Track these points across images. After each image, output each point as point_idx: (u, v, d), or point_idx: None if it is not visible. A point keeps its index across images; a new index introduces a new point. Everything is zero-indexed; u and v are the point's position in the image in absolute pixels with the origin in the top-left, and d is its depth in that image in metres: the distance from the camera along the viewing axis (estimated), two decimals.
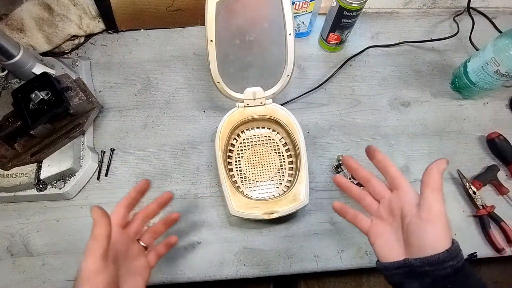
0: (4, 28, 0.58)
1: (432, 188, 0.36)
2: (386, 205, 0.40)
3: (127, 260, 0.41)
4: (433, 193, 0.36)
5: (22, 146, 0.51)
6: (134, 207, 0.44)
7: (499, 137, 0.60)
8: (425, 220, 0.35)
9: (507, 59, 0.54)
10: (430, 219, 0.35)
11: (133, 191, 0.43)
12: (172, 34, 0.70)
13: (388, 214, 0.39)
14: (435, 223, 0.35)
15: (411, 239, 0.36)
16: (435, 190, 0.36)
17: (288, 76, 0.52)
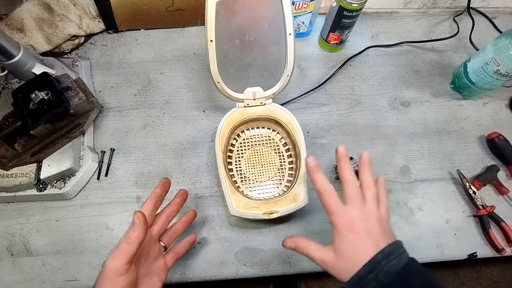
0: (4, 28, 0.58)
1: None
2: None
3: (148, 261, 0.41)
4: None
5: (22, 146, 0.51)
6: (160, 205, 0.44)
7: (499, 137, 0.60)
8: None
9: (507, 59, 0.54)
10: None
11: (158, 189, 0.43)
12: (172, 34, 0.70)
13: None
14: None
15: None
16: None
17: (288, 76, 0.52)
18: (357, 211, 0.38)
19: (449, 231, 0.56)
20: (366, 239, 0.36)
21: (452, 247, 0.55)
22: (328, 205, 0.38)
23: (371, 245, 0.36)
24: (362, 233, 0.36)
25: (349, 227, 0.37)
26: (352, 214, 0.37)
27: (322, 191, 0.39)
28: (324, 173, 0.40)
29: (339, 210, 0.38)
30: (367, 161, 0.41)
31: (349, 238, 0.37)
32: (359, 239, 0.36)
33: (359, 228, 0.37)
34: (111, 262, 0.35)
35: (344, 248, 0.37)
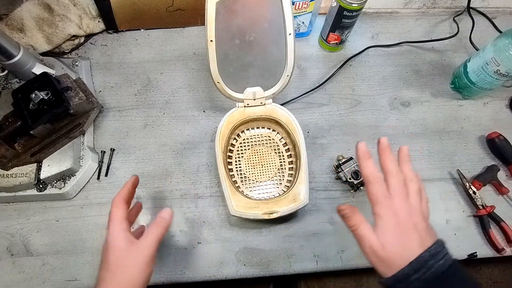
0: (4, 28, 0.58)
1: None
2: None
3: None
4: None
5: (22, 146, 0.51)
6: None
7: (499, 137, 0.60)
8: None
9: (507, 59, 0.54)
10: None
11: (130, 185, 0.44)
12: (172, 34, 0.70)
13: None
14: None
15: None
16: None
17: (288, 76, 0.52)
18: (403, 204, 0.36)
19: (449, 231, 0.56)
20: (413, 234, 0.34)
21: (452, 247, 0.54)
22: (376, 195, 0.36)
23: (417, 241, 0.34)
24: (409, 228, 0.35)
25: (396, 221, 0.35)
26: (399, 207, 0.35)
27: (370, 179, 0.37)
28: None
29: (386, 201, 0.36)
30: (407, 153, 0.40)
31: (396, 233, 0.35)
32: (406, 234, 0.34)
33: (406, 223, 0.35)
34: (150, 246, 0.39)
35: (389, 241, 0.35)
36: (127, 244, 0.38)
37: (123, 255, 0.38)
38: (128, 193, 0.43)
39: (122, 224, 0.40)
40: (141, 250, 0.38)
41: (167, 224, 0.41)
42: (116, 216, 0.40)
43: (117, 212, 0.41)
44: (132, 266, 0.37)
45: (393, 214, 0.35)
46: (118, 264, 0.37)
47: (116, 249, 0.38)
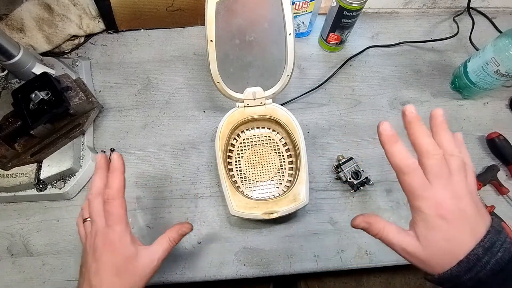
0: (4, 28, 0.58)
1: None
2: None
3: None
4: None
5: (22, 146, 0.51)
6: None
7: (499, 137, 0.60)
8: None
9: (507, 59, 0.54)
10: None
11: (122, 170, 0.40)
12: (172, 34, 0.70)
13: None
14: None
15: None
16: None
17: (288, 76, 0.52)
18: (446, 190, 0.29)
19: None
20: (462, 225, 0.29)
21: None
22: (412, 186, 0.30)
23: (468, 232, 0.29)
24: (456, 218, 0.29)
25: (440, 213, 0.29)
26: (441, 196, 0.29)
27: (403, 169, 0.30)
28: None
29: (426, 193, 0.29)
30: (442, 119, 0.33)
31: (441, 227, 0.29)
32: (454, 227, 0.29)
33: (452, 213, 0.29)
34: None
35: (434, 238, 0.29)
36: (134, 256, 0.36)
37: (130, 263, 0.36)
38: (124, 182, 0.38)
39: (128, 226, 0.37)
40: (149, 264, 0.37)
41: (178, 239, 0.41)
42: (121, 215, 0.37)
43: (122, 209, 0.37)
44: (140, 275, 0.37)
45: (436, 206, 0.29)
46: (125, 271, 0.36)
47: (122, 257, 0.36)
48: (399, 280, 0.63)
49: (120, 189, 0.37)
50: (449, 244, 0.29)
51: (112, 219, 0.36)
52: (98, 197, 0.37)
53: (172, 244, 0.40)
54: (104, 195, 0.37)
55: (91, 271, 0.35)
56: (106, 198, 0.37)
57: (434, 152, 0.30)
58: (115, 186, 0.37)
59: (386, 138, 0.33)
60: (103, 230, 0.36)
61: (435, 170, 0.30)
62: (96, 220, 0.37)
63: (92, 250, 0.36)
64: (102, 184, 0.38)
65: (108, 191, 0.37)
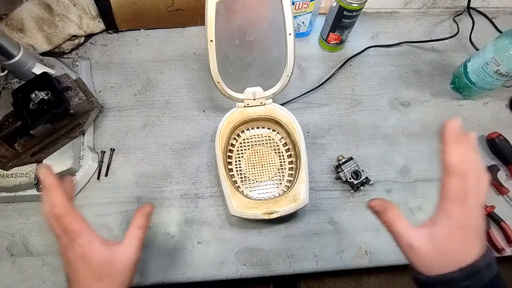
0: (4, 28, 0.58)
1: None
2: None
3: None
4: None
5: (22, 146, 0.51)
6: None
7: (499, 137, 0.60)
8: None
9: (507, 59, 0.54)
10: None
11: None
12: (172, 34, 0.70)
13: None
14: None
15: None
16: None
17: (288, 76, 0.52)
18: (475, 206, 0.32)
19: None
20: (476, 239, 0.32)
21: None
22: (453, 189, 0.32)
23: (478, 247, 0.31)
24: (475, 231, 0.32)
25: (466, 223, 0.31)
26: (472, 209, 0.32)
27: (455, 170, 0.32)
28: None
29: (461, 200, 0.31)
30: (475, 143, 0.35)
31: (461, 235, 0.31)
32: (470, 238, 0.31)
33: (474, 226, 0.32)
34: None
35: (450, 245, 0.31)
36: (108, 254, 0.36)
37: (107, 265, 0.36)
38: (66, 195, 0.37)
39: (91, 233, 0.36)
40: (126, 257, 0.37)
41: (147, 222, 0.40)
42: (78, 228, 0.35)
43: (77, 222, 0.35)
44: (123, 272, 0.36)
45: (465, 215, 0.32)
46: (105, 275, 0.35)
47: (97, 263, 0.35)
48: (399, 280, 0.63)
49: (64, 204, 0.35)
50: (459, 252, 0.31)
51: (71, 234, 0.35)
52: (50, 217, 0.36)
53: (143, 229, 0.39)
54: (52, 215, 0.35)
55: (74, 280, 0.35)
56: (56, 217, 0.35)
57: (476, 170, 0.33)
58: (58, 204, 0.35)
59: (451, 136, 0.33)
60: (69, 245, 0.35)
61: (473, 185, 0.32)
62: (58, 237, 0.36)
63: (67, 262, 0.36)
64: (49, 203, 0.36)
65: (54, 210, 0.35)
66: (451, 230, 0.32)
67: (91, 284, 0.35)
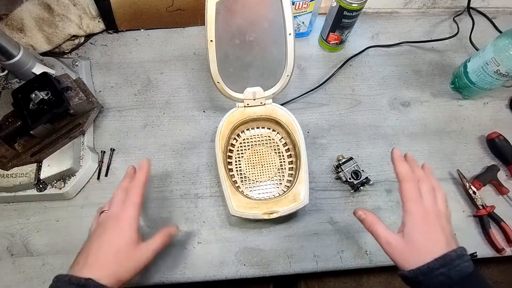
0: (4, 28, 0.58)
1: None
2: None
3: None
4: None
5: (22, 146, 0.51)
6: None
7: (499, 137, 0.60)
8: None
9: (507, 59, 0.54)
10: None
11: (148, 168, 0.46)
12: (172, 34, 0.70)
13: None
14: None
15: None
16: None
17: (288, 76, 0.52)
18: (432, 206, 0.39)
19: None
20: (440, 233, 0.37)
21: None
22: (409, 192, 0.40)
23: (444, 241, 0.37)
24: (437, 226, 0.38)
25: (425, 217, 0.38)
26: (428, 207, 0.39)
27: (406, 177, 0.40)
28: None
29: (418, 200, 0.39)
30: (430, 169, 0.44)
31: (424, 227, 0.38)
32: (434, 231, 0.37)
33: (434, 221, 0.38)
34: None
35: (416, 236, 0.37)
36: (135, 243, 0.40)
37: (129, 249, 0.39)
38: (147, 179, 0.45)
39: (138, 216, 0.41)
40: (145, 255, 0.40)
41: (173, 235, 0.45)
42: (136, 202, 0.42)
43: (139, 198, 0.42)
44: (135, 263, 0.39)
45: (423, 212, 0.38)
46: (123, 255, 0.39)
47: (125, 241, 0.39)
48: (399, 280, 0.63)
49: (143, 182, 0.43)
50: (428, 244, 0.37)
51: (127, 203, 0.41)
52: (123, 191, 0.43)
53: (167, 239, 0.43)
54: (128, 187, 0.43)
55: (93, 246, 0.39)
56: (128, 188, 0.43)
57: (427, 180, 0.41)
58: (139, 179, 0.43)
59: (396, 156, 0.43)
60: (116, 211, 0.41)
61: (426, 191, 0.40)
62: (113, 207, 0.42)
63: (102, 227, 0.40)
64: (127, 185, 0.44)
65: (133, 182, 0.43)
66: (414, 224, 0.38)
67: (107, 256, 0.38)
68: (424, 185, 0.40)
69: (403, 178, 0.41)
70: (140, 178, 0.44)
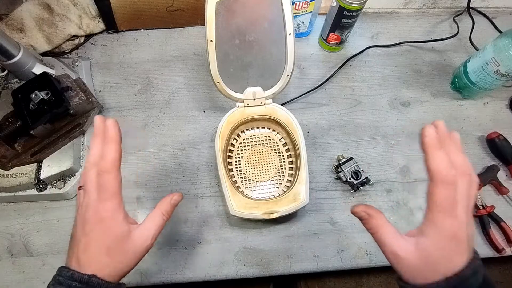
0: (4, 28, 0.58)
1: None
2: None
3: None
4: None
5: (22, 146, 0.51)
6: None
7: (499, 137, 0.60)
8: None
9: (507, 59, 0.54)
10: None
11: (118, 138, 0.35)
12: (172, 34, 0.70)
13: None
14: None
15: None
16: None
17: (288, 76, 0.52)
18: (465, 215, 0.31)
19: None
20: (465, 250, 0.30)
21: None
22: (443, 200, 0.31)
23: (465, 257, 0.30)
24: (464, 241, 0.30)
25: (454, 233, 0.30)
26: (461, 218, 0.30)
27: (444, 177, 0.31)
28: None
29: (451, 211, 0.30)
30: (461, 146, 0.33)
31: (448, 245, 0.30)
32: (458, 248, 0.30)
33: (462, 236, 0.30)
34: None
35: (435, 253, 0.30)
36: (126, 235, 0.34)
37: (122, 242, 0.33)
38: (120, 153, 0.35)
39: (121, 202, 0.34)
40: (142, 243, 0.34)
41: (171, 211, 0.38)
42: (114, 190, 0.33)
43: (115, 184, 0.34)
44: (132, 256, 0.34)
45: (454, 226, 0.30)
46: (116, 251, 0.33)
47: (114, 235, 0.33)
48: None
49: (115, 161, 0.34)
50: (445, 261, 0.30)
51: (104, 193, 0.33)
52: (94, 167, 0.34)
53: (166, 217, 0.37)
54: (98, 167, 0.33)
55: (80, 246, 0.33)
56: (99, 170, 0.33)
57: (467, 176, 0.31)
58: (110, 158, 0.33)
59: (430, 141, 0.32)
60: (95, 204, 0.33)
61: (464, 192, 0.31)
62: (88, 191, 0.33)
63: (82, 223, 0.33)
64: (98, 153, 0.34)
65: (102, 163, 0.33)
66: (440, 242, 0.30)
67: (98, 257, 0.33)
68: (461, 186, 0.31)
69: (439, 179, 0.31)
70: (110, 155, 0.33)
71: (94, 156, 0.34)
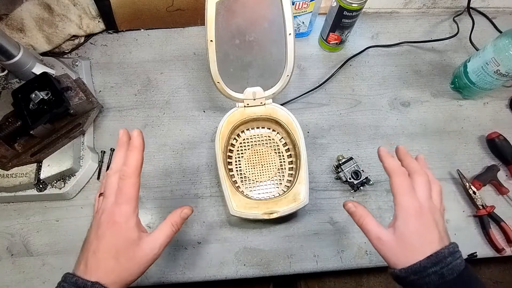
0: (4, 28, 0.58)
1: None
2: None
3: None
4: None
5: (22, 146, 0.51)
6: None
7: (499, 137, 0.60)
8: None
9: (507, 59, 0.54)
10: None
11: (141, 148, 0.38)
12: (172, 34, 0.70)
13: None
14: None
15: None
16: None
17: (288, 76, 0.52)
18: (427, 199, 0.36)
19: (449, 231, 0.55)
20: (434, 229, 0.35)
21: None
22: (400, 185, 0.36)
23: (437, 237, 0.34)
24: (430, 221, 0.35)
25: (419, 212, 0.35)
26: (422, 201, 0.36)
27: (396, 171, 0.37)
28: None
29: (411, 193, 0.36)
30: (425, 162, 0.41)
31: (417, 222, 0.35)
32: (427, 227, 0.35)
33: (427, 216, 0.35)
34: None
35: (408, 232, 0.35)
36: (136, 242, 0.35)
37: (131, 249, 0.35)
38: (142, 161, 0.37)
39: (136, 208, 0.36)
40: (150, 252, 0.36)
41: (181, 223, 0.40)
42: (131, 195, 0.35)
43: (134, 189, 0.35)
44: (139, 262, 0.35)
45: (416, 206, 0.35)
46: (124, 256, 0.35)
47: (124, 240, 0.35)
48: None
49: (136, 168, 0.36)
50: (420, 241, 0.34)
51: (121, 197, 0.35)
52: (116, 174, 0.36)
53: (175, 229, 0.38)
54: (120, 172, 0.36)
55: (90, 249, 0.35)
56: (121, 175, 0.36)
57: (423, 173, 0.38)
58: (132, 164, 0.36)
59: (383, 153, 0.40)
60: (110, 207, 0.35)
61: (422, 183, 0.37)
62: (108, 196, 0.36)
63: (96, 226, 0.36)
64: (121, 161, 0.37)
65: (124, 168, 0.36)
66: (407, 219, 0.35)
67: (106, 260, 0.34)
68: (418, 177, 0.37)
69: (392, 171, 0.38)
70: (132, 162, 0.36)
71: (117, 164, 0.37)
